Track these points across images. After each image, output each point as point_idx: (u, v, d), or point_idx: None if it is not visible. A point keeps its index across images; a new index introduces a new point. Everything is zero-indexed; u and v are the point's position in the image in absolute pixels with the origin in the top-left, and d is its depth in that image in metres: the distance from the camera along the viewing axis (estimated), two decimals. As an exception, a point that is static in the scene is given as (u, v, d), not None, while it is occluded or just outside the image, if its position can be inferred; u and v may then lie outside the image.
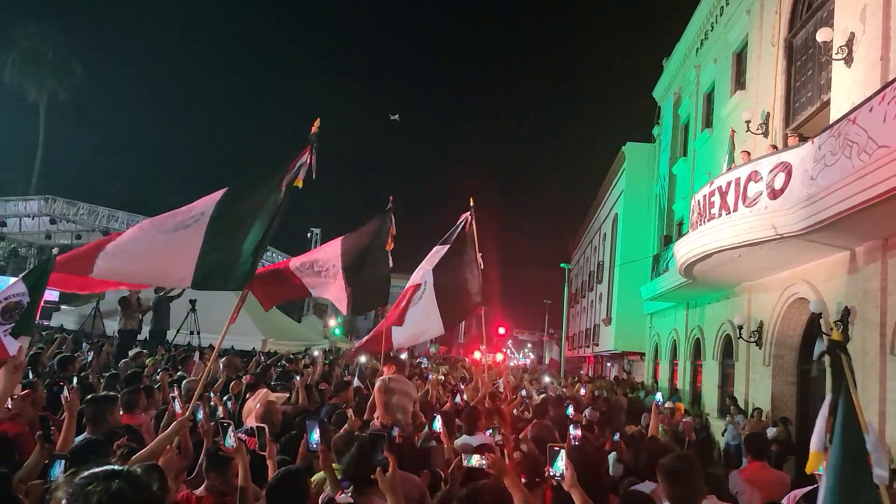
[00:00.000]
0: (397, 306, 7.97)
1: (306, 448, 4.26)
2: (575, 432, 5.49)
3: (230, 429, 3.49)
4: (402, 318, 7.87)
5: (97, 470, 1.67)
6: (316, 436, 4.11)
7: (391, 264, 7.33)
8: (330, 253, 6.74)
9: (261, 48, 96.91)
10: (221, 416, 6.32)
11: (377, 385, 6.12)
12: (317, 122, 5.34)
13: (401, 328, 7.88)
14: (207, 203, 5.03)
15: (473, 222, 8.46)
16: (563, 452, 3.12)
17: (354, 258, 6.64)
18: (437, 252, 8.16)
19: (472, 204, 8.51)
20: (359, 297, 6.56)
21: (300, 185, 5.13)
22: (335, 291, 6.47)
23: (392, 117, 30.07)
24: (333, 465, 4.14)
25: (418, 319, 7.90)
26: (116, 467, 1.70)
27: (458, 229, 8.35)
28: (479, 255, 8.46)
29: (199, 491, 3.53)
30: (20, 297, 4.39)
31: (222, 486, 3.55)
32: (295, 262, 6.59)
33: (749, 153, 12.84)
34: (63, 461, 2.84)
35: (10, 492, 2.95)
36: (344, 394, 7.57)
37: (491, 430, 5.64)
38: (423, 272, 8.09)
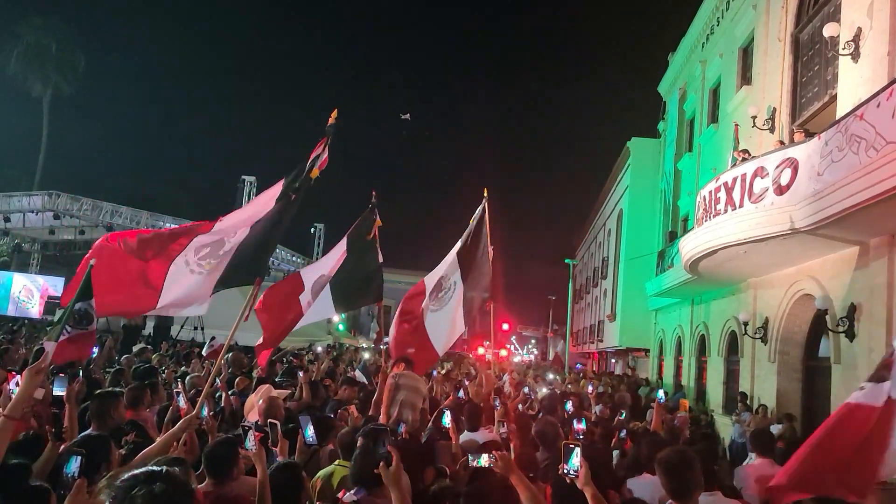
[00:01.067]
0: (413, 318, 7.78)
1: (304, 443, 4.24)
2: (578, 426, 5.49)
3: (251, 432, 3.47)
4: (423, 328, 7.75)
5: (138, 472, 1.70)
6: (310, 431, 4.10)
7: (381, 259, 7.29)
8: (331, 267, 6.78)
9: (265, 44, 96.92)
10: (223, 405, 6.34)
11: (388, 382, 6.10)
12: (334, 113, 5.12)
13: (439, 339, 7.80)
14: (240, 232, 5.03)
15: (486, 214, 8.11)
16: (578, 450, 3.13)
17: (345, 260, 6.66)
18: (459, 252, 7.93)
19: (485, 195, 8.12)
20: (344, 294, 6.55)
21: (317, 175, 5.01)
22: (323, 303, 6.48)
23: (403, 117, 30.03)
24: (340, 462, 4.13)
25: (449, 323, 7.80)
26: (156, 469, 1.74)
27: (475, 224, 8.07)
28: (490, 248, 8.19)
29: (204, 486, 3.53)
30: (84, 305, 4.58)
31: (228, 481, 3.56)
32: (307, 283, 6.57)
33: (748, 151, 12.78)
34: (79, 458, 2.84)
35: (29, 483, 2.96)
36: (348, 390, 7.57)
37: (497, 424, 5.64)
38: (446, 275, 7.89)
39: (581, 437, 5.55)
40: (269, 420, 4.17)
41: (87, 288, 4.53)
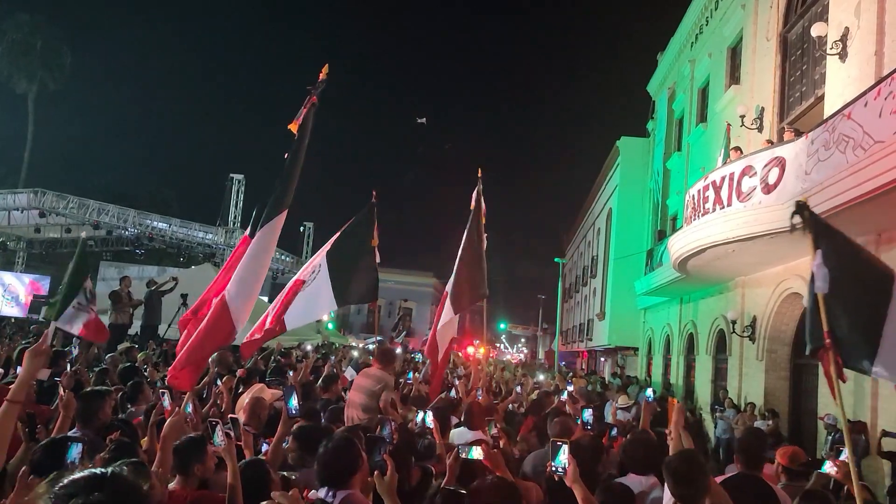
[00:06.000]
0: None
1: (287, 415, 4.19)
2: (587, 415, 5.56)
3: (218, 426, 3.42)
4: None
5: (79, 476, 1.55)
6: (294, 401, 4.08)
7: (378, 259, 7.24)
8: (318, 256, 6.72)
9: (254, 41, 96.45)
10: (222, 406, 6.27)
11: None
12: (325, 69, 4.87)
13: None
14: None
15: (482, 197, 7.64)
16: (565, 447, 3.11)
17: (338, 251, 6.59)
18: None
19: (479, 175, 7.62)
20: (343, 287, 6.50)
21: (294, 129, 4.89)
22: (322, 298, 6.42)
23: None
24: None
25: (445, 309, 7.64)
26: (99, 472, 1.58)
27: (473, 209, 7.72)
28: (484, 235, 7.66)
29: (172, 485, 3.48)
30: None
31: (194, 480, 3.53)
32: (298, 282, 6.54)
33: (740, 149, 12.84)
34: (80, 444, 2.77)
35: None
36: (334, 388, 7.51)
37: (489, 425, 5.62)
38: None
39: (589, 426, 5.62)
40: (230, 416, 4.13)
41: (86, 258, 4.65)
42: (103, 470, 1.58)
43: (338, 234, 6.84)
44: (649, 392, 7.51)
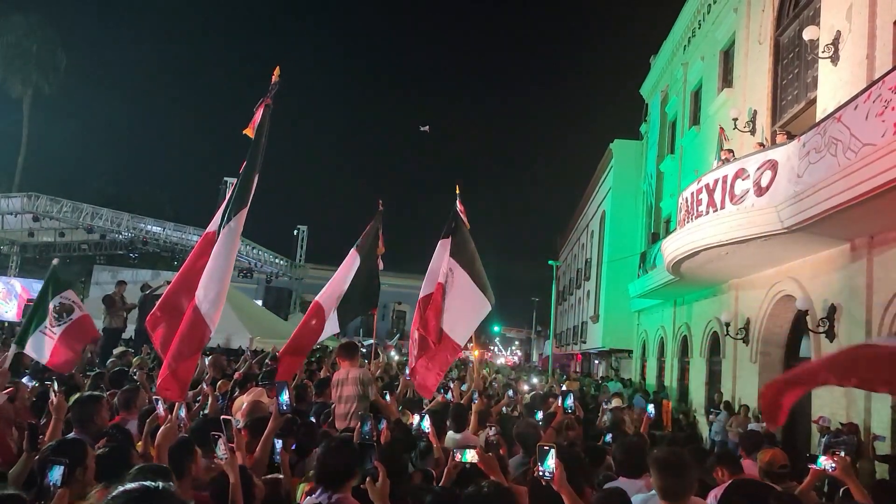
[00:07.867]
0: (431, 319, 7.61)
1: (279, 411, 4.19)
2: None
3: (221, 440, 3.38)
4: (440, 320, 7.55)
5: (131, 488, 1.63)
6: (285, 397, 4.09)
7: (381, 266, 7.28)
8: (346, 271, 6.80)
9: (246, 46, 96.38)
10: (209, 409, 6.26)
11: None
12: (277, 71, 5.08)
13: (455, 326, 7.46)
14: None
15: (461, 210, 7.72)
16: (553, 451, 3.10)
17: (356, 276, 6.67)
18: (444, 245, 7.54)
19: (457, 191, 7.75)
20: (347, 307, 6.54)
21: (251, 133, 5.04)
22: (331, 321, 6.50)
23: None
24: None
25: (462, 305, 7.39)
26: (150, 484, 1.67)
27: (458, 220, 7.71)
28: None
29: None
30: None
31: (188, 482, 3.53)
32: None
33: (732, 151, 12.89)
34: (62, 467, 2.75)
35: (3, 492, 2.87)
36: (327, 391, 7.52)
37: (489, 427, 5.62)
38: (441, 270, 7.72)
39: (571, 410, 5.60)
40: (223, 417, 4.12)
41: (56, 281, 4.51)
42: (154, 483, 1.68)
43: (360, 253, 6.94)
44: (650, 408, 7.45)
